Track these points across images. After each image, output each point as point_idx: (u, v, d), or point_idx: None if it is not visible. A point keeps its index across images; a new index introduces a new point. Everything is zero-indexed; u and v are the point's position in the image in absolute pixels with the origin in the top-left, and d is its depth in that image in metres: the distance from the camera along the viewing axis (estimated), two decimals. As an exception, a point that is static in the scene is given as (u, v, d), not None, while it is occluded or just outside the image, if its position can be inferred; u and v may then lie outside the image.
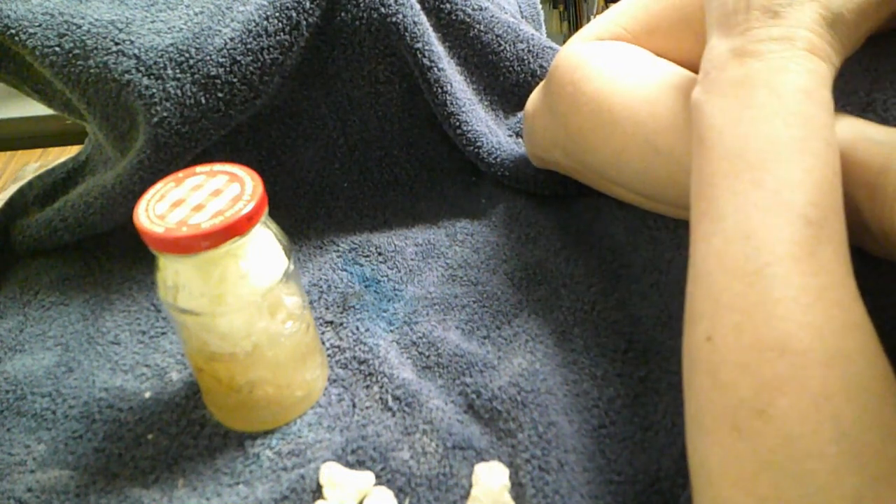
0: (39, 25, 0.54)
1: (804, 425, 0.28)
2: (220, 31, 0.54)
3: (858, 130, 0.35)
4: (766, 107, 0.33)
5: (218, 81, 0.53)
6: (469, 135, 0.60)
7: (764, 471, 0.28)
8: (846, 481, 0.27)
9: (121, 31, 0.54)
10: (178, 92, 0.52)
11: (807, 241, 0.30)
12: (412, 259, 0.57)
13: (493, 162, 0.60)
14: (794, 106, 0.33)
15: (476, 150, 0.60)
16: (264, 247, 0.41)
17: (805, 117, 0.33)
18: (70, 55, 0.54)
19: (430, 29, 0.60)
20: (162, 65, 0.53)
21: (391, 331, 0.51)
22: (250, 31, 0.53)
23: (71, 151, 0.93)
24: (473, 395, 0.46)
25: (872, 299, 0.33)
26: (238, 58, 0.53)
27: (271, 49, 0.54)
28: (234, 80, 0.54)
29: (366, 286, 0.54)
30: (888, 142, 0.33)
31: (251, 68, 0.54)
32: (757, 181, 0.32)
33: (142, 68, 0.53)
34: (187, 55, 0.53)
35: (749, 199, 0.32)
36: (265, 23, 0.54)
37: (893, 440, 0.28)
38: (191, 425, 0.45)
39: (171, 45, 0.53)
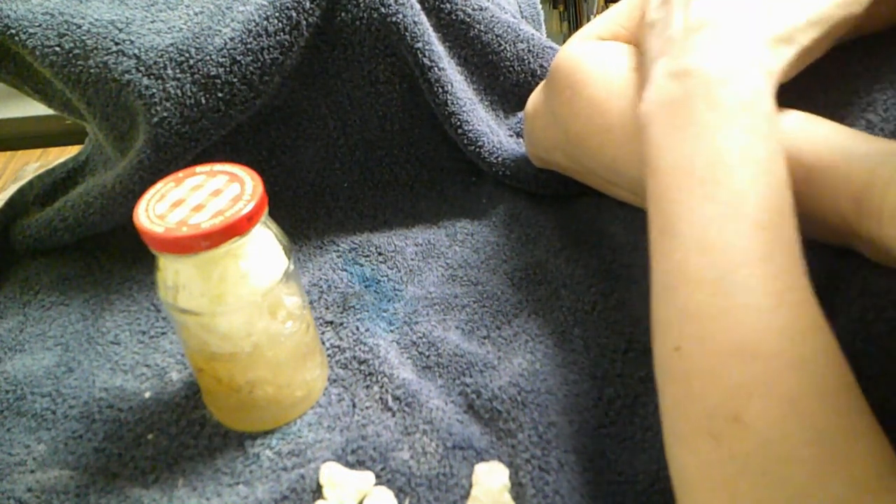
0: (39, 25, 0.54)
1: (780, 429, 0.28)
2: (220, 31, 0.54)
3: (841, 143, 0.35)
4: (708, 122, 0.34)
5: (218, 81, 0.53)
6: (470, 134, 0.60)
7: (743, 476, 0.28)
8: (826, 485, 0.27)
9: (121, 31, 0.54)
10: (178, 92, 0.52)
11: (762, 246, 0.31)
12: (412, 259, 0.57)
13: (495, 162, 0.60)
14: (733, 118, 0.34)
15: (477, 149, 0.60)
16: (264, 247, 0.41)
17: (745, 128, 0.34)
18: (70, 55, 0.54)
19: (431, 29, 0.60)
20: (162, 65, 0.53)
21: (391, 331, 0.51)
22: (250, 31, 0.53)
23: (71, 151, 0.93)
24: (473, 395, 0.46)
25: (874, 300, 0.33)
26: (238, 58, 0.53)
27: (271, 49, 0.54)
28: (234, 80, 0.54)
29: (366, 286, 0.54)
30: (871, 154, 0.33)
31: (251, 68, 0.54)
32: (708, 195, 0.33)
33: (142, 68, 0.53)
34: (187, 55, 0.53)
35: (704, 213, 0.33)
36: (265, 23, 0.54)
37: (865, 444, 0.28)
38: (191, 425, 0.45)
39: (171, 45, 0.53)
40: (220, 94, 0.53)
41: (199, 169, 0.42)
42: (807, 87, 0.42)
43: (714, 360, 0.30)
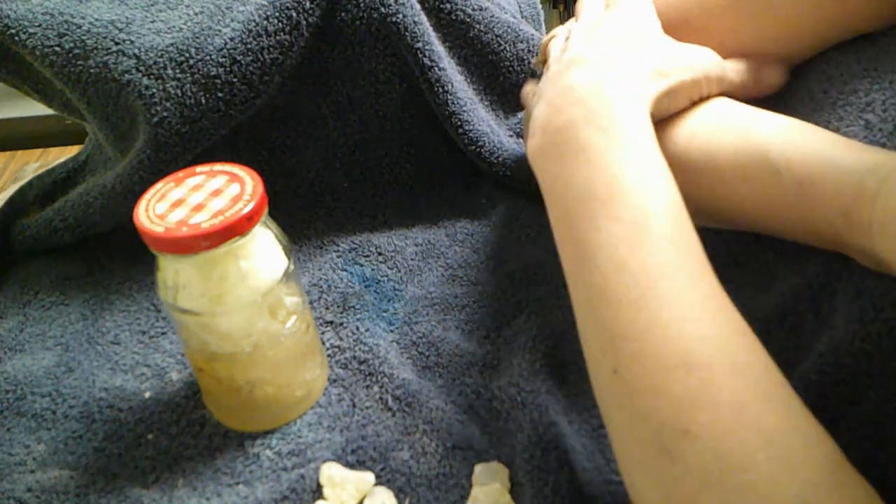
0: (39, 25, 0.54)
1: (730, 438, 0.28)
2: (220, 30, 0.54)
3: (830, 155, 0.35)
4: (598, 145, 0.35)
5: (218, 81, 0.53)
6: (471, 134, 0.60)
7: (703, 490, 0.28)
8: (785, 488, 0.27)
9: (121, 31, 0.54)
10: (178, 92, 0.52)
11: (674, 259, 0.32)
12: (412, 259, 0.57)
13: (495, 162, 0.60)
14: (620, 139, 0.35)
15: (478, 149, 0.60)
16: (264, 247, 0.41)
17: (633, 147, 0.35)
18: (70, 55, 0.54)
19: (431, 29, 0.60)
20: (162, 65, 0.53)
21: (391, 331, 0.51)
22: (250, 31, 0.53)
23: (71, 151, 0.93)
24: (473, 395, 0.46)
25: (873, 300, 0.33)
26: (238, 58, 0.53)
27: (271, 49, 0.54)
28: (234, 80, 0.54)
29: (366, 286, 0.54)
30: (858, 167, 0.33)
31: (251, 68, 0.54)
32: (614, 216, 0.33)
33: (142, 68, 0.53)
34: (187, 55, 0.53)
35: (612, 234, 0.33)
36: (265, 23, 0.54)
37: (814, 444, 0.28)
38: (191, 425, 0.45)
39: (171, 45, 0.53)
40: (220, 94, 0.53)
41: (199, 169, 0.42)
42: (806, 87, 0.42)
43: (653, 377, 0.30)
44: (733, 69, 0.43)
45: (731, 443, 0.28)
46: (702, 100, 0.42)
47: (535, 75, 0.65)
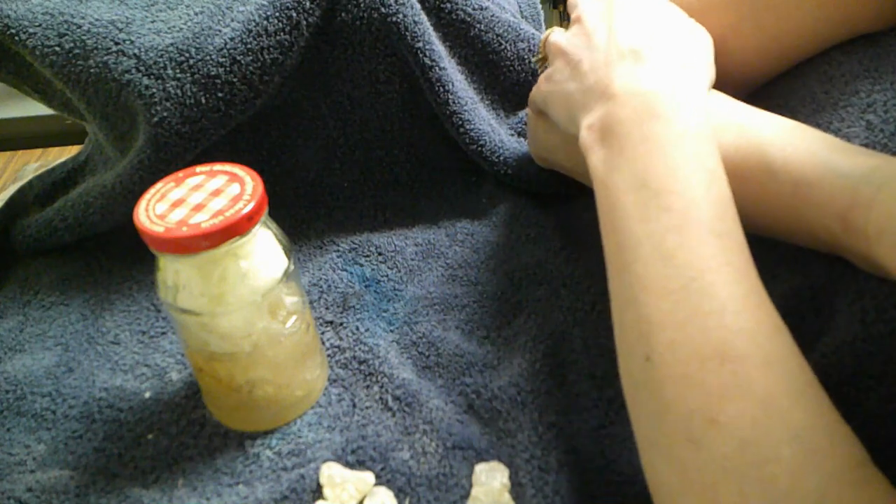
0: (39, 25, 0.54)
1: (756, 429, 0.28)
2: (220, 30, 0.54)
3: (826, 159, 0.35)
4: (658, 135, 0.36)
5: (218, 81, 0.53)
6: (472, 133, 0.60)
7: (724, 479, 0.28)
8: (806, 482, 0.27)
9: (121, 31, 0.54)
10: (178, 92, 0.52)
11: (720, 252, 0.32)
12: (412, 259, 0.57)
13: (496, 161, 0.60)
14: (686, 130, 0.35)
15: (479, 148, 0.60)
16: (264, 247, 0.41)
17: (696, 139, 0.35)
18: (70, 55, 0.54)
19: (431, 28, 0.60)
20: (162, 65, 0.53)
21: (391, 331, 0.51)
22: (250, 31, 0.53)
23: (71, 151, 0.93)
24: (473, 395, 0.46)
25: (874, 301, 0.33)
26: (238, 58, 0.53)
27: (271, 49, 0.54)
28: (234, 80, 0.54)
29: (366, 286, 0.54)
30: (853, 173, 0.33)
31: (251, 68, 0.54)
32: (664, 205, 0.34)
33: (142, 68, 0.53)
34: (187, 55, 0.53)
35: (661, 223, 0.33)
36: (265, 23, 0.54)
37: (838, 438, 0.28)
38: (191, 425, 0.45)
39: (171, 45, 0.53)
40: (220, 94, 0.53)
41: (199, 169, 0.42)
42: (808, 88, 0.42)
43: (686, 367, 0.30)
44: None
45: (757, 434, 0.28)
46: None
47: (536, 74, 0.65)
